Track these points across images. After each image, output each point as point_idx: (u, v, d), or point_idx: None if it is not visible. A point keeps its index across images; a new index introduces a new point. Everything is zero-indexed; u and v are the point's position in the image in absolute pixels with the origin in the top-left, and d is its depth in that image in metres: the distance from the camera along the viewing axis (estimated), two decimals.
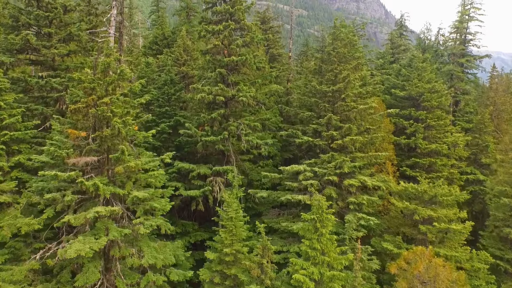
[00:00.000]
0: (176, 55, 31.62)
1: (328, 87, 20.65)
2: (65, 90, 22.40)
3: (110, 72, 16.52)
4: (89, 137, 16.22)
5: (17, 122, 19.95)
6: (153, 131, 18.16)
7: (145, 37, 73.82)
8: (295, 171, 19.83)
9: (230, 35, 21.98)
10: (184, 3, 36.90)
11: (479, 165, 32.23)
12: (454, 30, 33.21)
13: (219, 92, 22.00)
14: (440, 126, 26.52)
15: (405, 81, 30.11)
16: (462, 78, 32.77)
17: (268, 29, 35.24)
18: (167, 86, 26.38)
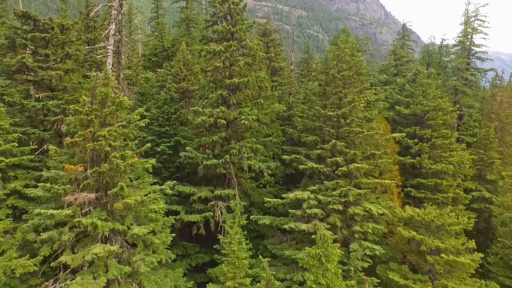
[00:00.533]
0: (176, 70, 31.08)
1: (333, 111, 20.13)
2: (63, 112, 21.90)
3: (109, 102, 15.97)
4: (87, 170, 15.69)
5: (13, 148, 19.51)
6: (153, 160, 17.59)
7: (145, 44, 73.30)
8: (299, 198, 19.29)
9: (231, 56, 21.44)
10: (184, 14, 36.34)
11: (484, 181, 31.77)
12: (458, 44, 32.70)
13: (220, 115, 21.47)
14: (445, 145, 26.01)
15: (409, 97, 29.63)
16: (467, 93, 32.26)
17: (270, 41, 34.69)
18: (167, 105, 25.83)
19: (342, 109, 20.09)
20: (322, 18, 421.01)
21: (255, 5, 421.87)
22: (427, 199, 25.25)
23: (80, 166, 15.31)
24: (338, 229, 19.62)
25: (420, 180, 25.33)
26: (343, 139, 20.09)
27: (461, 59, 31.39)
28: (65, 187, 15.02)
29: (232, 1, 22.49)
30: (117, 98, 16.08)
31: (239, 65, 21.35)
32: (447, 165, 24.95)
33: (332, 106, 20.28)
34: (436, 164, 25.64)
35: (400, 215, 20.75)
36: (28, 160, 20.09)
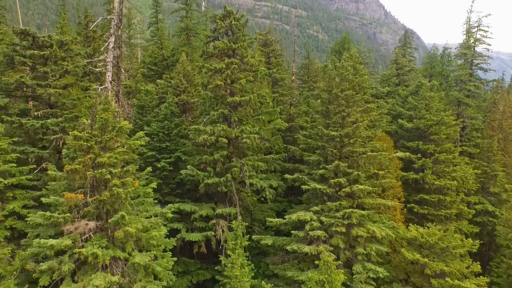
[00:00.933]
0: (176, 82, 30.82)
1: (336, 130, 19.88)
2: (62, 131, 21.64)
3: (109, 127, 15.70)
4: (87, 196, 15.44)
5: (12, 168, 19.27)
6: (154, 184, 17.37)
7: (144, 49, 72.94)
8: (301, 220, 19.06)
9: (232, 74, 21.17)
10: (184, 24, 36.04)
11: (487, 193, 31.55)
12: (460, 55, 32.43)
13: (222, 134, 21.22)
14: (448, 160, 25.78)
15: (411, 110, 29.38)
16: (470, 105, 32.03)
17: (270, 52, 34.40)
18: (167, 120, 25.56)
19: (345, 128, 19.85)
20: (321, 18, 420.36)
21: (254, 5, 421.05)
22: (430, 215, 25.05)
23: (80, 193, 15.05)
24: (341, 250, 19.39)
25: (423, 196, 25.10)
26: (346, 159, 19.85)
27: (464, 70, 31.14)
28: (65, 216, 14.76)
29: (233, 17, 22.25)
30: (117, 123, 15.82)
31: (241, 83, 21.10)
32: (451, 181, 24.73)
33: (335, 125, 20.03)
34: (440, 179, 25.41)
35: (403, 235, 20.52)
36: (27, 179, 19.88)
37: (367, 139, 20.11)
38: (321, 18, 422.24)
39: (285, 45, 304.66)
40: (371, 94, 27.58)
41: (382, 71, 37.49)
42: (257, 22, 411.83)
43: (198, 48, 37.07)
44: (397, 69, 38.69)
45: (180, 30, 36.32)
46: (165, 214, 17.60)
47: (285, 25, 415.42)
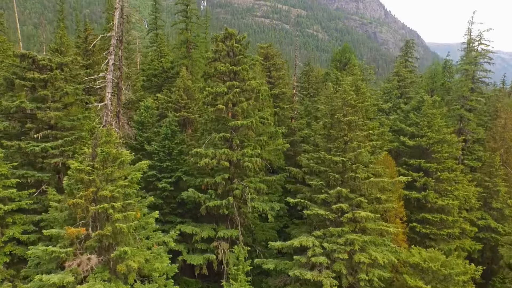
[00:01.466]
0: (177, 97, 30.70)
1: (338, 155, 19.79)
2: (62, 153, 21.54)
3: (111, 158, 15.59)
4: (89, 228, 15.35)
5: (12, 194, 19.18)
6: (156, 213, 17.28)
7: (143, 54, 72.73)
8: (303, 245, 18.98)
9: (234, 97, 21.07)
10: (184, 37, 35.88)
11: (489, 208, 31.48)
12: (461, 70, 32.30)
13: (223, 157, 21.14)
14: (451, 178, 25.71)
15: (413, 125, 29.28)
16: (472, 119, 31.93)
17: (271, 65, 34.26)
18: (168, 140, 25.43)
19: (347, 153, 19.76)
20: (321, 17, 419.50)
21: (254, 4, 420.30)
22: (432, 234, 24.99)
23: (82, 226, 14.96)
24: (344, 276, 19.32)
25: (425, 215, 25.04)
26: (348, 185, 19.76)
27: (465, 87, 31.04)
28: (67, 250, 14.65)
29: (234, 39, 22.12)
30: (119, 155, 15.70)
31: (242, 106, 20.99)
32: (453, 201, 24.66)
33: (337, 149, 19.94)
34: (442, 198, 25.34)
35: (405, 259, 20.46)
36: (27, 204, 19.79)
37: (369, 163, 20.01)
38: (321, 17, 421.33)
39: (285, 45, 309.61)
40: (373, 112, 27.47)
41: (384, 83, 37.36)
42: (256, 21, 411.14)
43: (198, 60, 36.93)
44: (399, 81, 38.59)
45: (180, 43, 36.16)
46: (168, 243, 17.50)
47: (284, 24, 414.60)
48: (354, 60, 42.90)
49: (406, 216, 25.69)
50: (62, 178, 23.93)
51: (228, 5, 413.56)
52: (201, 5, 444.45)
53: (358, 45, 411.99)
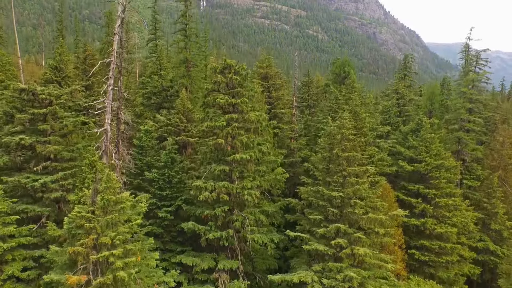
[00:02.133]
0: (176, 120, 30.76)
1: (337, 189, 19.90)
2: (61, 187, 21.64)
3: (111, 204, 15.67)
4: (90, 274, 15.44)
5: (12, 230, 19.28)
6: (156, 255, 17.38)
7: (143, 65, 72.78)
8: (303, 281, 19.09)
9: (233, 131, 21.15)
10: (183, 56, 35.93)
11: (488, 229, 31.62)
12: (459, 92, 32.39)
13: (223, 191, 21.25)
14: (449, 205, 25.83)
15: (412, 148, 29.38)
16: (470, 142, 32.04)
17: (271, 86, 34.32)
18: (167, 168, 25.51)
19: (346, 188, 19.86)
20: (321, 18, 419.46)
21: (253, 5, 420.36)
22: (431, 262, 25.11)
23: (83, 275, 15.05)
24: None
25: (424, 243, 25.16)
26: (347, 220, 19.88)
27: (463, 110, 31.14)
28: None
29: (233, 71, 22.19)
30: (120, 200, 15.78)
31: (241, 140, 21.08)
32: (451, 229, 24.78)
33: (336, 184, 20.04)
34: (440, 225, 25.47)
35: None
36: (27, 241, 19.88)
37: (368, 197, 20.11)
38: (321, 18, 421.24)
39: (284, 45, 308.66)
40: (372, 137, 27.58)
41: (383, 101, 37.47)
42: (256, 22, 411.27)
43: (197, 79, 37.01)
44: (398, 99, 38.69)
45: (179, 62, 36.22)
46: (169, 284, 17.61)
47: (284, 25, 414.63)
48: (353, 75, 42.97)
49: (405, 242, 25.81)
50: (62, 208, 24.12)
51: (228, 5, 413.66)
52: (200, 6, 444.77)
53: (358, 45, 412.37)
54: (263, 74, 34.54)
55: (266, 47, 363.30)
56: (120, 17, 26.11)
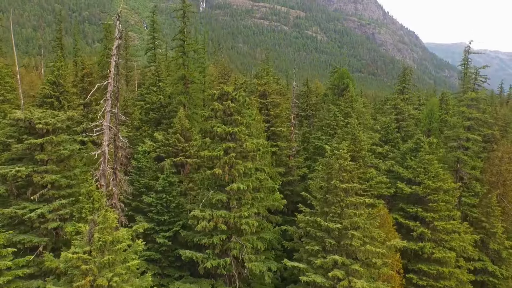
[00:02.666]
0: (174, 141, 30.69)
1: (334, 220, 19.85)
2: (59, 217, 21.57)
3: (108, 244, 15.61)
4: None
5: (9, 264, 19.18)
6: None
7: (142, 74, 72.67)
8: None
9: (230, 160, 21.11)
10: (181, 73, 35.85)
11: (486, 248, 31.59)
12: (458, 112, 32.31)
13: (221, 220, 21.21)
14: (447, 228, 25.81)
15: (410, 168, 29.34)
16: (469, 161, 32.01)
17: (269, 103, 34.27)
18: (165, 193, 25.46)
19: (343, 218, 19.83)
20: (320, 18, 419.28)
21: (252, 5, 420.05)
22: (429, 287, 25.08)
23: None
24: None
25: (422, 267, 25.13)
26: (344, 251, 19.84)
27: (461, 129, 31.09)
28: None
29: (230, 98, 22.15)
30: (117, 240, 15.72)
31: (239, 169, 21.05)
32: (449, 253, 24.75)
33: (333, 215, 20.01)
34: (438, 249, 25.43)
35: None
36: (23, 273, 19.79)
37: (365, 229, 20.05)
38: (320, 19, 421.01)
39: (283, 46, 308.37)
40: (370, 159, 27.54)
41: (381, 117, 37.43)
42: (255, 23, 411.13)
43: (195, 94, 36.95)
44: (396, 114, 38.66)
45: (177, 79, 36.12)
46: None
47: (283, 26, 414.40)
48: (352, 89, 42.91)
49: (403, 266, 25.77)
50: (60, 233, 24.05)
51: (227, 6, 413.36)
52: (200, 7, 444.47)
53: (357, 46, 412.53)
54: (261, 91, 34.49)
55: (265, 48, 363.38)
56: (116, 38, 26.00)
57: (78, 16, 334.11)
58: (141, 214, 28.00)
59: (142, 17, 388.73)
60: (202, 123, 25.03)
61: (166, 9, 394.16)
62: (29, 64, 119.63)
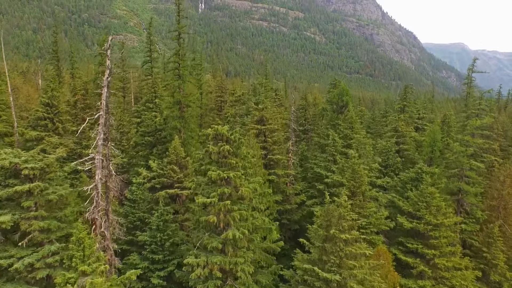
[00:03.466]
0: (169, 172, 29.94)
1: (333, 270, 19.14)
2: (48, 266, 20.82)
3: None
4: None
5: None
6: None
7: (139, 87, 71.84)
8: None
9: (225, 206, 20.36)
10: (176, 98, 35.06)
11: (487, 280, 30.96)
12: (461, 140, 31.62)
13: (216, 267, 20.47)
14: (448, 266, 25.17)
15: (410, 200, 28.67)
16: (471, 191, 31.36)
17: (266, 130, 33.47)
18: (160, 232, 24.75)
19: (342, 269, 19.13)
20: (319, 19, 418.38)
21: (251, 7, 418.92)
22: None
23: None
24: None
25: None
26: None
27: (465, 159, 30.41)
28: None
29: (225, 138, 21.40)
30: None
31: (234, 216, 20.32)
32: None
33: (332, 265, 19.30)
34: (439, 286, 24.79)
35: None
36: None
37: (365, 279, 19.34)
38: (318, 19, 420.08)
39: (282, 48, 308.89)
40: (370, 194, 26.86)
41: (381, 142, 36.70)
42: (254, 24, 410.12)
43: (190, 119, 36.18)
44: (397, 138, 37.97)
45: (172, 103, 35.32)
46: None
47: (282, 27, 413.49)
48: (352, 108, 42.16)
49: None
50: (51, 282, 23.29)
51: (226, 7, 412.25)
52: (199, 8, 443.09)
53: (355, 47, 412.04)
54: (259, 117, 33.71)
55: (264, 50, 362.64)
56: (107, 69, 25.21)
57: (78, 18, 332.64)
58: (135, 248, 27.33)
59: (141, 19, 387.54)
60: (194, 164, 24.25)
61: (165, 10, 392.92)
62: (28, 70, 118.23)
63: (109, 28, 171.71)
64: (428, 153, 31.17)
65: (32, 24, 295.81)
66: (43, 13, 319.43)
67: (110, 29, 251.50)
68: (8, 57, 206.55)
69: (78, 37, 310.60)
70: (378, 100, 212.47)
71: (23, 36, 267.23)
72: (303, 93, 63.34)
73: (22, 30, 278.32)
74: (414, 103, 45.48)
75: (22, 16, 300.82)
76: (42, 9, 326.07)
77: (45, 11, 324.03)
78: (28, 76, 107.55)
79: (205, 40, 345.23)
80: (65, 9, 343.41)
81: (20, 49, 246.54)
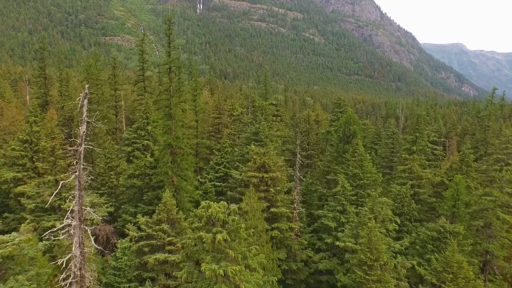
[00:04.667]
0: (159, 234, 26.28)
1: None
2: None
3: None
4: None
5: None
6: None
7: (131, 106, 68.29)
8: None
9: None
10: (168, 140, 31.32)
11: None
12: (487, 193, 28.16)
13: None
14: None
15: (432, 265, 25.18)
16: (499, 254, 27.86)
17: (269, 179, 29.84)
18: None
19: None
20: (317, 20, 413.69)
21: (250, 7, 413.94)
22: None
23: None
24: None
25: None
26: None
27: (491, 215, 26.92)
28: None
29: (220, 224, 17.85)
30: None
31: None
32: None
33: None
34: None
35: None
36: None
37: None
38: (317, 20, 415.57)
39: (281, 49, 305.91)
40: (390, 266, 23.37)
41: (395, 186, 33.15)
42: (253, 25, 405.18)
43: (183, 163, 32.49)
44: (411, 179, 34.45)
45: (163, 147, 31.61)
46: None
47: (281, 28, 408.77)
48: (360, 140, 38.59)
49: None
50: None
51: (224, 8, 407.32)
52: (197, 9, 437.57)
53: (354, 48, 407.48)
54: (260, 164, 30.11)
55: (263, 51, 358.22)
56: (84, 122, 21.42)
57: (75, 19, 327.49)
58: None
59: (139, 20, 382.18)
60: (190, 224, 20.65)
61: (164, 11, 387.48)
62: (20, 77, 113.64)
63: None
64: (450, 208, 27.67)
65: (28, 25, 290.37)
66: (39, 14, 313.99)
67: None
68: (3, 60, 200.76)
69: (74, 38, 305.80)
70: (378, 104, 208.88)
71: (18, 38, 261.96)
72: (302, 96, 59.38)
73: (18, 32, 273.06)
74: (428, 136, 41.93)
75: (18, 17, 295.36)
76: (38, 10, 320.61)
77: (41, 12, 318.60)
78: (20, 84, 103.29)
79: (203, 41, 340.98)
80: (61, 10, 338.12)
81: (15, 51, 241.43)
